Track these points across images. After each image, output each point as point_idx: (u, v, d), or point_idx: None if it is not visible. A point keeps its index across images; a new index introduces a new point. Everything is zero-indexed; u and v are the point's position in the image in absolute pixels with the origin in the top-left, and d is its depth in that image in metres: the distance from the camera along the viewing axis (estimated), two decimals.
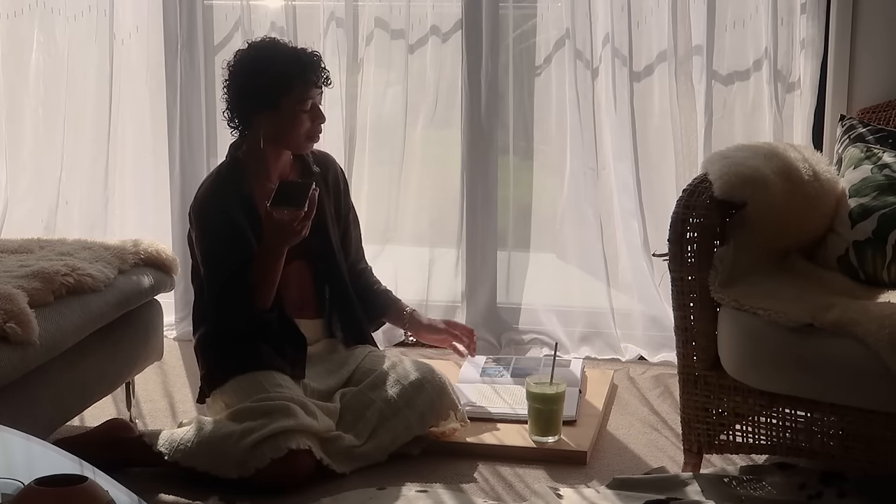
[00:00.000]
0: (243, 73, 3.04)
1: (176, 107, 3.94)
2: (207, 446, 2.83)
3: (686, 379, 2.81)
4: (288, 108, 3.00)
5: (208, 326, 3.08)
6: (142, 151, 4.09)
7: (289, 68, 3.01)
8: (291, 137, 3.04)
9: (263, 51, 3.07)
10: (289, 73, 3.00)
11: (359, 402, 3.00)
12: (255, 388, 2.92)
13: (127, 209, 4.11)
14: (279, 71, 3.00)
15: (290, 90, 2.99)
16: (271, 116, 3.01)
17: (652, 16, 3.69)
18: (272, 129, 3.03)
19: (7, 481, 1.77)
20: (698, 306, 2.76)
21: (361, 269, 3.32)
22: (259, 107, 3.01)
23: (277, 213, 2.91)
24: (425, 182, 3.94)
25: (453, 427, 3.06)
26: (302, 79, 3.00)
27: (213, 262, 3.04)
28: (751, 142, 3.23)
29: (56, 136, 4.08)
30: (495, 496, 2.81)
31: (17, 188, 4.16)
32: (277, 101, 3.00)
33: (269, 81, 2.99)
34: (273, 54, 3.06)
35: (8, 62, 4.11)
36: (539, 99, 3.83)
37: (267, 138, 3.05)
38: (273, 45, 3.10)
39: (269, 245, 2.96)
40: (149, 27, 3.98)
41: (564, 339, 3.79)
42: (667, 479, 2.82)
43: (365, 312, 3.26)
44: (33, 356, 2.65)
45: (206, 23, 3.94)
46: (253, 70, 3.03)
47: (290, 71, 3.00)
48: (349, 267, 3.25)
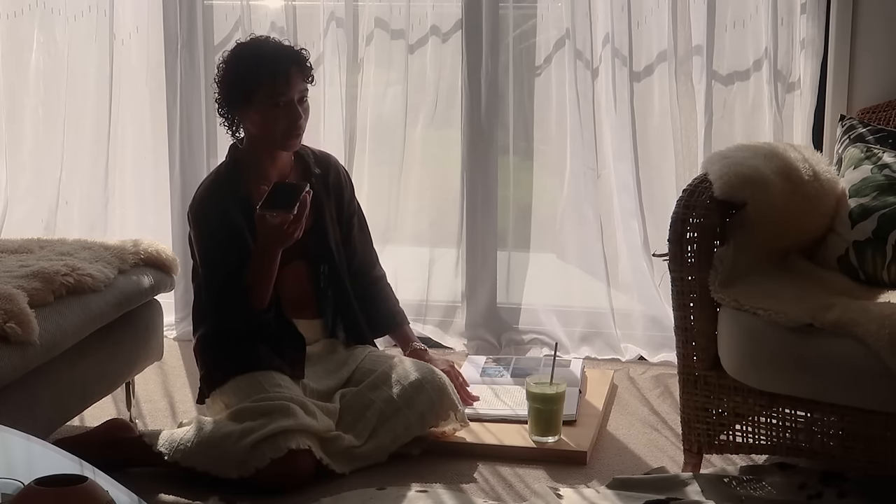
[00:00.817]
0: (223, 73, 3.05)
1: (176, 107, 3.94)
2: (207, 446, 2.83)
3: (686, 379, 2.81)
4: (260, 104, 2.99)
5: (207, 327, 3.08)
6: (142, 151, 4.08)
7: (257, 64, 2.99)
8: (268, 135, 3.02)
9: (241, 48, 3.07)
10: (257, 69, 2.98)
11: (358, 403, 3.00)
12: (255, 388, 2.92)
13: (127, 209, 4.11)
14: (249, 67, 3.00)
15: (259, 86, 2.97)
16: (251, 116, 3.01)
17: (652, 16, 3.69)
18: (252, 128, 3.03)
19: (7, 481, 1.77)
20: (698, 306, 2.76)
21: (376, 276, 3.30)
22: (236, 105, 3.01)
23: (268, 216, 2.90)
24: (425, 182, 3.94)
25: (453, 427, 3.06)
26: (271, 73, 2.97)
27: (210, 262, 3.04)
28: (751, 142, 3.22)
29: (56, 136, 4.08)
30: (495, 496, 2.81)
31: (17, 188, 4.16)
32: (250, 98, 2.99)
33: (242, 80, 2.99)
34: (248, 52, 3.05)
35: (8, 62, 4.10)
36: (539, 99, 3.83)
37: (252, 138, 3.05)
38: (252, 43, 3.09)
39: (261, 247, 2.95)
40: (149, 27, 3.98)
41: (564, 339, 3.79)
42: (667, 479, 2.82)
43: (368, 324, 3.25)
44: (33, 356, 2.65)
45: (206, 23, 3.94)
46: (229, 69, 3.04)
47: (258, 66, 2.99)
48: (360, 271, 3.25)
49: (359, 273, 3.24)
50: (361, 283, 3.24)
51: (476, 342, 3.85)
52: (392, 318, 3.31)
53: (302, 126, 3.04)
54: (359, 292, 3.24)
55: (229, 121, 3.08)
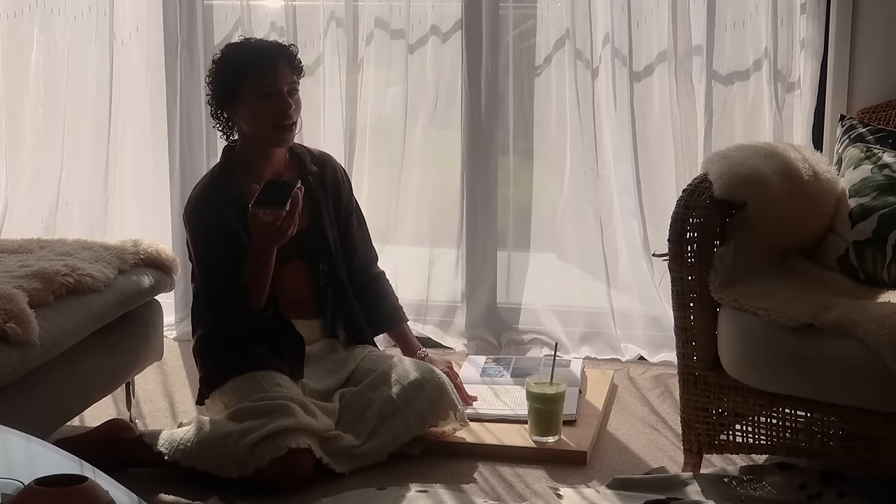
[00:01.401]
0: (213, 75, 3.07)
1: (176, 107, 3.94)
2: (207, 446, 2.83)
3: (686, 379, 2.81)
4: (249, 98, 3.00)
5: (206, 328, 3.08)
6: (142, 151, 4.08)
7: (244, 59, 3.01)
8: (258, 130, 3.02)
9: (229, 49, 3.10)
10: (244, 64, 3.00)
11: (358, 403, 3.00)
12: (254, 388, 2.92)
13: (127, 209, 4.11)
14: (236, 64, 3.01)
15: (247, 80, 2.99)
16: (241, 111, 3.01)
17: (652, 16, 3.69)
18: (244, 124, 3.03)
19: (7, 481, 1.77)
20: (698, 306, 2.76)
21: (375, 273, 3.30)
22: (227, 104, 3.02)
23: (260, 213, 2.91)
24: (425, 182, 3.94)
25: (453, 427, 3.06)
26: (258, 66, 2.98)
27: (206, 263, 3.04)
28: (751, 142, 3.22)
29: (56, 136, 4.08)
30: (495, 496, 2.81)
31: (17, 188, 4.16)
32: (238, 94, 3.00)
33: (229, 76, 3.01)
34: (235, 51, 3.08)
35: (8, 62, 4.10)
36: (539, 99, 3.83)
37: (245, 138, 3.05)
38: (239, 43, 3.13)
39: (256, 245, 2.95)
40: (149, 27, 3.98)
41: (564, 339, 3.79)
42: (667, 479, 2.82)
43: (367, 321, 3.25)
44: (33, 356, 2.65)
45: (206, 23, 3.94)
46: (219, 69, 3.05)
47: (245, 61, 3.00)
48: (360, 268, 3.25)
49: (358, 270, 3.25)
50: (361, 280, 3.25)
51: (476, 342, 3.85)
52: (391, 315, 3.30)
53: (292, 117, 3.03)
54: (358, 289, 3.24)
55: (222, 122, 3.08)
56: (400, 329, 3.33)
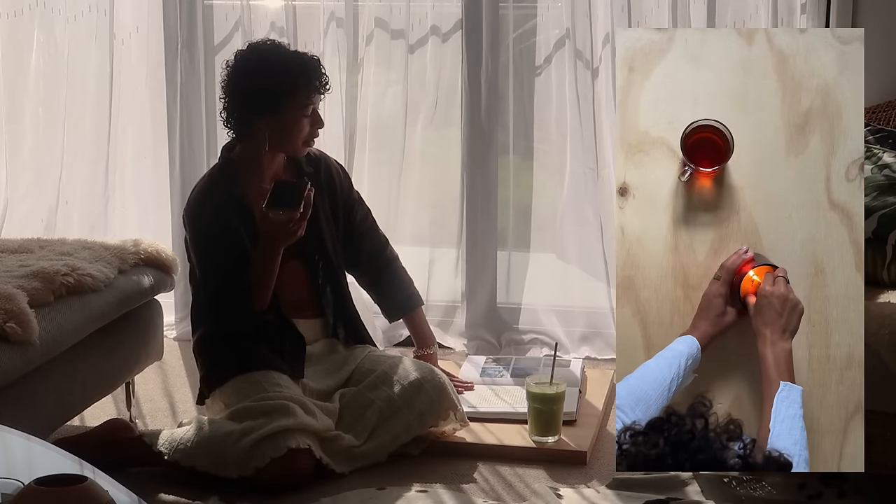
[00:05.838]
0: (245, 75, 3.02)
1: (176, 107, 3.94)
2: (207, 446, 2.83)
3: None
4: (290, 112, 2.99)
5: (206, 328, 3.08)
6: (142, 152, 4.09)
7: (293, 72, 2.99)
8: (290, 142, 3.03)
9: (266, 53, 3.05)
10: (293, 77, 2.98)
11: (358, 403, 3.00)
12: (254, 388, 2.92)
13: (127, 209, 4.11)
14: (283, 74, 2.98)
15: (294, 94, 2.98)
16: (272, 120, 3.00)
17: (652, 16, 3.69)
18: (272, 132, 3.02)
19: (7, 481, 1.77)
20: None
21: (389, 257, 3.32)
22: (261, 110, 3.00)
23: (273, 214, 2.91)
24: (425, 182, 3.94)
25: (453, 427, 3.07)
26: (306, 83, 2.99)
27: (206, 263, 3.04)
28: None
29: (56, 136, 4.08)
30: (495, 496, 2.81)
31: (17, 188, 4.16)
32: (280, 105, 2.99)
33: (273, 85, 2.98)
34: (277, 57, 3.04)
35: (8, 62, 4.10)
36: (539, 99, 3.83)
37: (258, 140, 3.04)
38: (275, 49, 3.08)
39: (265, 246, 2.96)
40: (149, 27, 3.98)
41: (564, 339, 3.79)
42: (667, 479, 2.82)
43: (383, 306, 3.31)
44: (33, 356, 2.65)
45: (206, 23, 3.94)
46: (256, 73, 3.00)
47: (294, 75, 2.98)
48: (372, 255, 3.27)
49: (369, 260, 3.26)
50: (374, 267, 3.27)
51: (476, 342, 3.85)
52: (407, 301, 3.33)
53: (319, 134, 3.10)
54: (373, 277, 3.27)
55: (240, 122, 3.04)
56: (416, 316, 3.33)
